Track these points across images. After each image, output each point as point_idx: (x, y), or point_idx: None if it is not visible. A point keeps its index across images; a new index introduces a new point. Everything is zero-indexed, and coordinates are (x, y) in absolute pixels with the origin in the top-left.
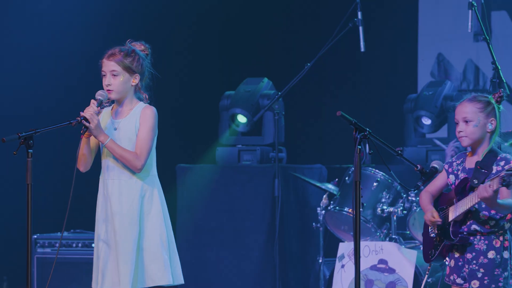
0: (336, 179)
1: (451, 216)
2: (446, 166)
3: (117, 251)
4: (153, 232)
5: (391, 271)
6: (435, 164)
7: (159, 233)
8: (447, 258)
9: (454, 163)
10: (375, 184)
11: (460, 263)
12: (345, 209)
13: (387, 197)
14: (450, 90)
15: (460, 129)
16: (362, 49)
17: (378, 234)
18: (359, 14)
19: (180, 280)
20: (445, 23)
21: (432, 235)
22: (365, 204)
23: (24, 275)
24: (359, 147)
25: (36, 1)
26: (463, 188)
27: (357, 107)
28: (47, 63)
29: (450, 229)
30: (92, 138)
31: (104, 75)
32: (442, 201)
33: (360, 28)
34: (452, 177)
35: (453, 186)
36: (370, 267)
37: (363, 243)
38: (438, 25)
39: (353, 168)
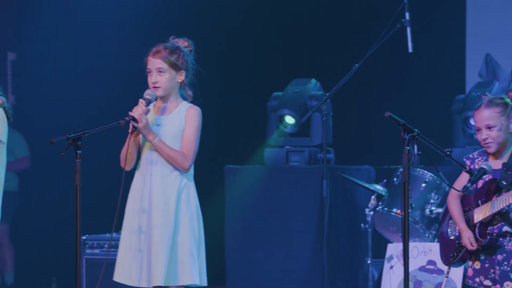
0: (385, 180)
1: (476, 218)
2: (468, 162)
3: (153, 246)
4: (187, 230)
5: (440, 272)
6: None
7: (193, 231)
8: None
9: (476, 160)
10: (423, 185)
11: (486, 265)
12: (394, 210)
13: (435, 198)
14: (498, 90)
15: (484, 136)
16: (410, 50)
17: (426, 235)
18: (407, 14)
19: (204, 282)
20: (493, 24)
21: (452, 237)
22: (413, 205)
23: (72, 276)
24: (408, 148)
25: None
26: (489, 189)
27: (405, 108)
28: (94, 64)
29: (477, 230)
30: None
31: (150, 73)
32: (465, 203)
33: (408, 29)
34: None
35: (474, 185)
36: (418, 268)
37: (411, 244)
38: (486, 26)
39: (401, 169)
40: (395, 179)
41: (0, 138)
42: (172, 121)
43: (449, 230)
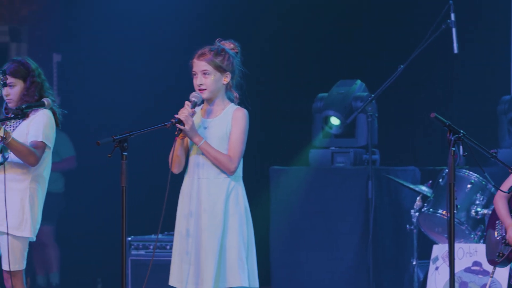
0: (430, 181)
1: None
2: None
3: (202, 249)
4: (235, 232)
5: (486, 273)
6: None
7: (242, 234)
8: None
9: None
10: (469, 186)
11: None
12: (439, 211)
13: (481, 199)
14: None
15: None
16: (455, 51)
17: (472, 236)
18: (452, 15)
19: (255, 284)
20: None
21: (498, 237)
22: (459, 206)
23: (118, 277)
24: (453, 149)
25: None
26: None
27: (451, 109)
28: (140, 65)
29: None
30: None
31: (195, 75)
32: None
33: (453, 30)
34: None
35: None
36: (464, 269)
37: (457, 245)
38: None
39: (447, 170)
40: (440, 180)
41: (47, 143)
42: (219, 124)
43: (496, 230)
